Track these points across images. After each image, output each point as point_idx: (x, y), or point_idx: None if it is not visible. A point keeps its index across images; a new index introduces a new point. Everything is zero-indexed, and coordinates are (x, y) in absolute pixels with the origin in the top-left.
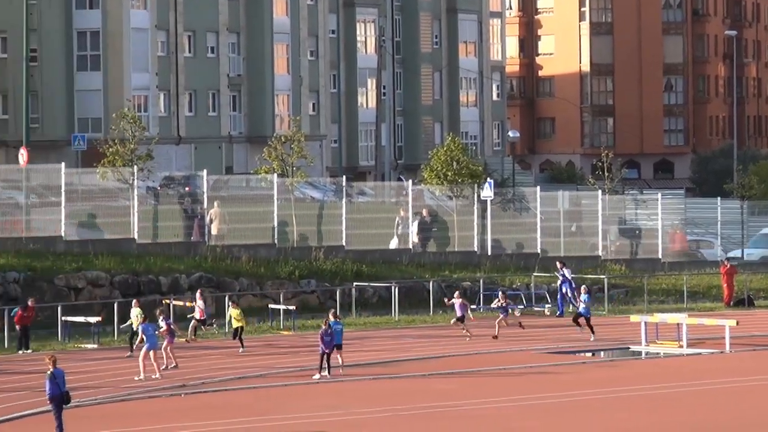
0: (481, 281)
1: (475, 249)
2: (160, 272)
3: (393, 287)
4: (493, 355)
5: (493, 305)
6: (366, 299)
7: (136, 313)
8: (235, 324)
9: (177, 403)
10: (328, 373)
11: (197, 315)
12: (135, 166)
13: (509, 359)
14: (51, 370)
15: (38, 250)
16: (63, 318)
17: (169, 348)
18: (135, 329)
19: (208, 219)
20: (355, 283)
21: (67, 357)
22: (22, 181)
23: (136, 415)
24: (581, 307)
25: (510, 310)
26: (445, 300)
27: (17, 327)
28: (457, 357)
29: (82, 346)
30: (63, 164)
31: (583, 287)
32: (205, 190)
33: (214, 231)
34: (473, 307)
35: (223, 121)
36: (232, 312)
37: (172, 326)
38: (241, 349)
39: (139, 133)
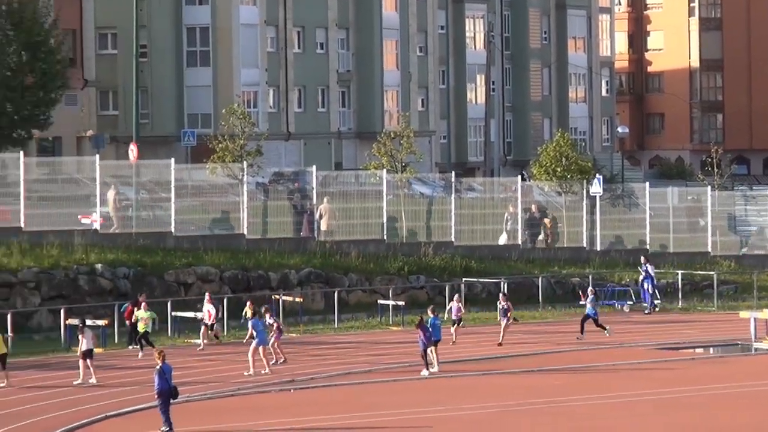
0: (590, 277)
1: (584, 245)
2: (270, 268)
3: (502, 283)
4: (601, 351)
5: (500, 306)
6: (475, 295)
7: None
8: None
9: (286, 398)
10: (436, 368)
11: (207, 319)
12: (244, 162)
13: (619, 355)
14: (159, 365)
15: (148, 246)
16: (172, 313)
17: (276, 344)
18: (140, 330)
19: (317, 215)
20: (464, 279)
21: (176, 352)
22: (133, 176)
23: (244, 410)
24: (588, 308)
25: (509, 314)
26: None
27: (127, 323)
28: (564, 353)
29: (191, 341)
30: (173, 160)
31: (590, 289)
32: (314, 186)
33: (323, 227)
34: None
35: (333, 116)
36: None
37: (280, 324)
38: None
39: (248, 129)
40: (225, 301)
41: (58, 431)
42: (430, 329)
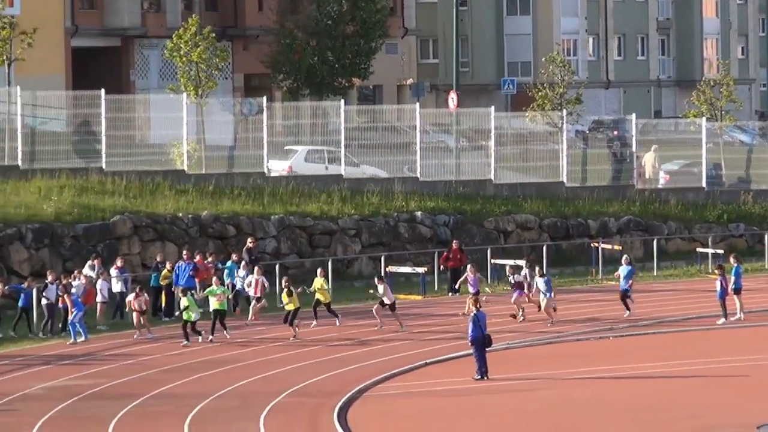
0: None
1: None
2: (589, 216)
3: None
4: None
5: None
6: None
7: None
8: (319, 296)
9: (604, 346)
10: (741, 315)
11: (253, 292)
12: (564, 110)
13: None
14: (474, 312)
15: (468, 194)
16: (492, 261)
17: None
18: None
19: (639, 163)
20: None
21: (497, 299)
22: (452, 125)
23: (561, 357)
24: (621, 282)
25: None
26: None
27: (446, 269)
28: None
29: (509, 288)
30: (492, 108)
31: (624, 257)
32: (633, 134)
33: (646, 175)
34: None
35: (652, 65)
36: (317, 283)
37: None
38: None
39: (568, 77)
40: (544, 249)
41: (380, 377)
42: (733, 277)
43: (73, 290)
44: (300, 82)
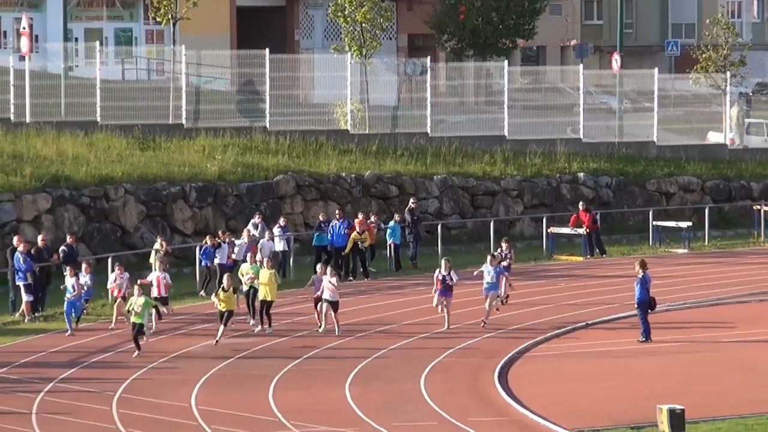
0: None
1: None
2: (752, 178)
3: None
4: None
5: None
6: None
7: None
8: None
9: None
10: None
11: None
12: (727, 72)
13: None
14: (641, 274)
15: (630, 155)
16: (654, 223)
17: None
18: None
19: None
20: None
21: (657, 261)
22: (616, 86)
23: (724, 319)
24: None
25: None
26: None
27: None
28: None
29: (673, 251)
30: (656, 70)
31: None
32: None
33: None
34: None
35: None
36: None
37: None
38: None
39: (732, 39)
40: (706, 211)
41: (541, 338)
42: None
43: (236, 249)
44: (464, 43)
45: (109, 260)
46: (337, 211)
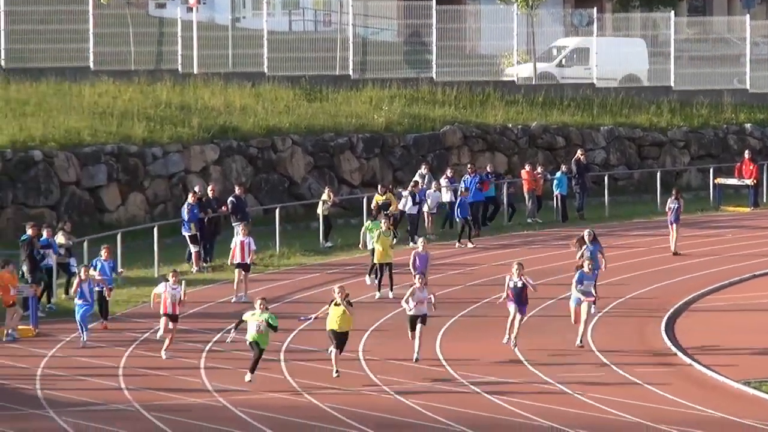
0: None
1: None
2: None
3: None
4: None
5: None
6: None
7: None
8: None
9: None
10: None
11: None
12: None
13: None
14: None
15: None
16: None
17: None
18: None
19: None
20: None
21: None
22: None
23: None
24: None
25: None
26: None
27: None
28: None
29: None
30: None
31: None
32: None
33: None
34: None
35: None
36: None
37: None
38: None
39: None
40: None
41: (707, 289)
42: None
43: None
44: None
45: (276, 211)
46: (468, 166)
